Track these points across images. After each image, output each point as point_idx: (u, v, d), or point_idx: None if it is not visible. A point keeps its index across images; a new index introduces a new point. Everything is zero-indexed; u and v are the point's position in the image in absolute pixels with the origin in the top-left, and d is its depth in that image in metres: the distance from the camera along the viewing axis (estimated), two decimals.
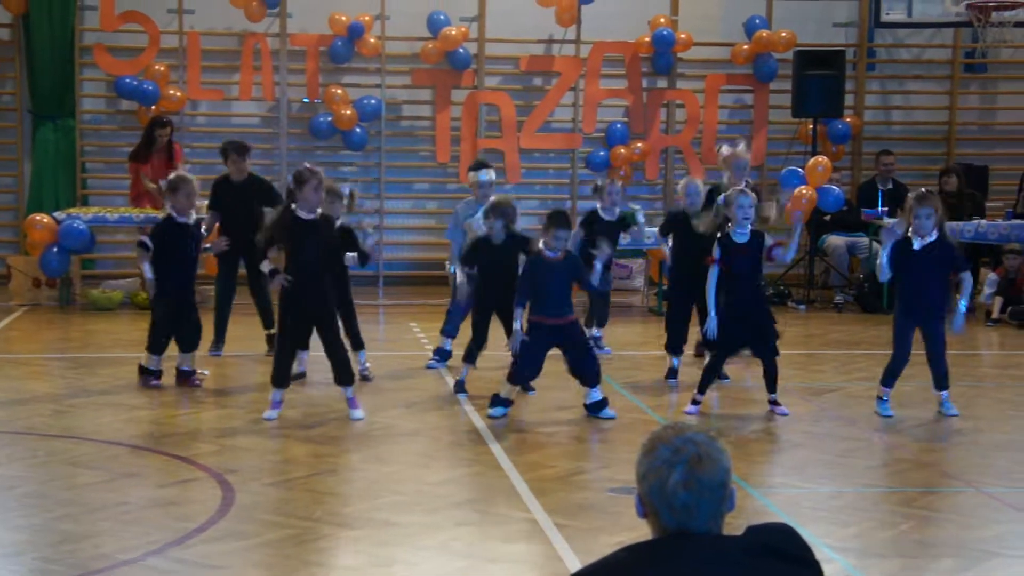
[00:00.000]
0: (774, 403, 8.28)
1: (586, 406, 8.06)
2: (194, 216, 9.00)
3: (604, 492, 6.39)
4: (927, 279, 8.01)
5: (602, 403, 8.10)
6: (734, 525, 2.70)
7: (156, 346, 8.98)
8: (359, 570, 5.24)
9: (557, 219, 8.04)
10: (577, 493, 6.44)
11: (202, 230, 9.29)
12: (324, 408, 8.29)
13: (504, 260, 8.56)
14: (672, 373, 9.37)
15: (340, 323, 8.32)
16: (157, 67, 14.52)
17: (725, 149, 9.63)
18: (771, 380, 8.25)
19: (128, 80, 14.42)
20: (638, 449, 2.72)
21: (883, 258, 8.10)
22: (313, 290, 7.84)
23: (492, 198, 9.13)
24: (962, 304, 8.11)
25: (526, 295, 8.00)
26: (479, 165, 10.07)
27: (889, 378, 8.25)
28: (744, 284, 8.12)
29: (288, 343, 8.02)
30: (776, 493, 6.52)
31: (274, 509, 6.04)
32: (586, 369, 8.07)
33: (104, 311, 12.75)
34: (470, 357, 8.81)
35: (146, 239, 9.01)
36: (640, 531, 2.76)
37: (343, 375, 8.00)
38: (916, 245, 7.99)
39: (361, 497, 6.30)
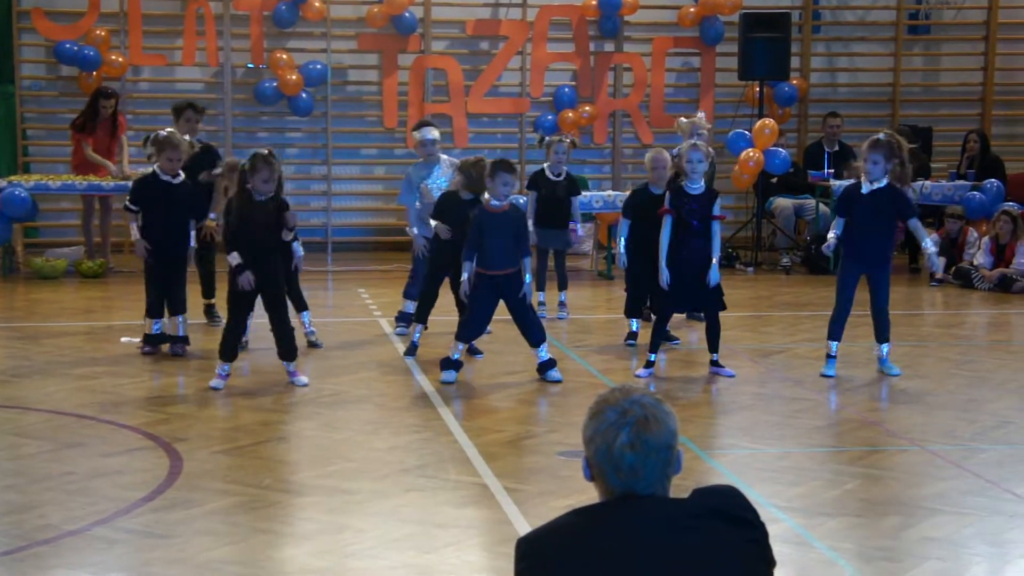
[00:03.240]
0: (716, 364, 8.32)
1: (539, 365, 8.10)
2: (181, 177, 8.72)
3: (553, 456, 6.41)
4: (873, 224, 8.06)
5: (549, 363, 8.13)
6: (682, 487, 2.72)
7: (151, 309, 8.80)
8: (308, 537, 5.23)
9: (503, 164, 8.02)
10: (527, 457, 6.47)
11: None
12: (272, 376, 8.24)
13: (466, 218, 8.57)
14: (631, 336, 9.39)
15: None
16: (98, 32, 14.28)
17: (684, 118, 9.63)
18: (714, 337, 8.28)
19: (68, 46, 14.19)
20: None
21: (831, 238, 8.19)
22: (263, 266, 7.81)
23: (464, 159, 9.08)
24: (927, 244, 8.33)
25: (475, 247, 7.98)
26: (421, 124, 9.99)
27: (836, 328, 8.24)
28: (694, 237, 8.13)
29: (238, 318, 7.97)
30: (724, 454, 6.58)
31: (222, 477, 6.03)
32: (526, 326, 8.08)
33: (48, 280, 12.58)
34: (421, 317, 8.80)
35: (130, 206, 8.79)
36: (590, 494, 2.75)
37: (287, 351, 7.99)
38: (864, 189, 8.05)
39: (310, 464, 6.30)
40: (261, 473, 6.10)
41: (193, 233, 8.86)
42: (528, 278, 8.12)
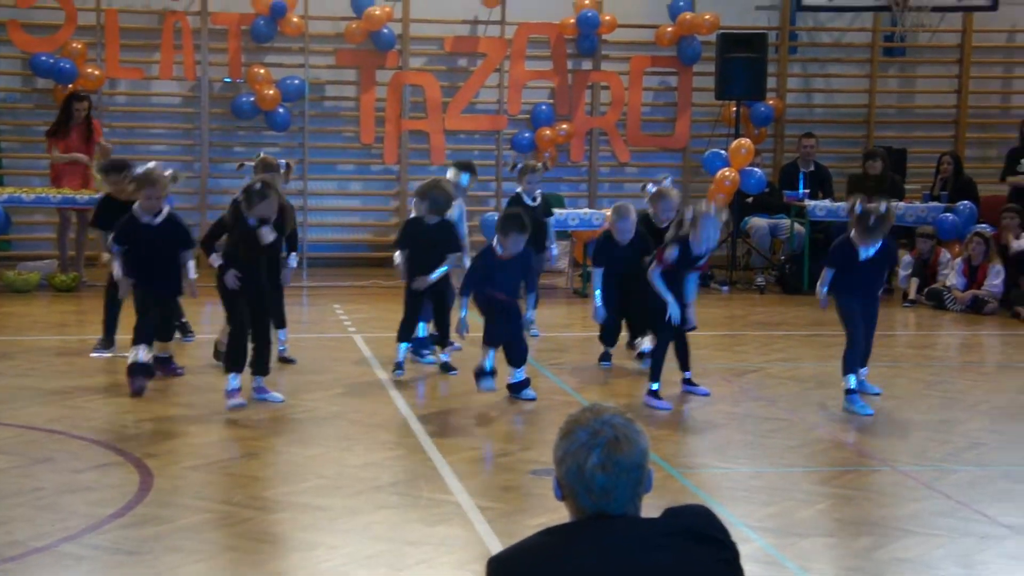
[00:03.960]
0: (689, 382, 8.32)
1: (508, 386, 8.07)
2: (162, 216, 8.20)
3: (526, 474, 6.40)
4: (870, 273, 8.03)
5: (524, 383, 8.13)
6: (654, 506, 2.72)
7: (142, 336, 8.21)
8: (279, 554, 5.21)
9: (516, 223, 7.91)
10: (499, 475, 6.46)
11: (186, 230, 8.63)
12: (245, 392, 8.07)
13: (433, 240, 8.62)
14: (606, 356, 9.39)
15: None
16: (75, 45, 14.23)
17: (651, 187, 9.55)
18: (685, 356, 8.28)
19: (44, 58, 14.13)
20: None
21: (822, 291, 8.11)
22: (254, 282, 7.76)
23: (425, 181, 9.07)
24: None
25: (472, 286, 7.99)
26: (465, 167, 9.87)
27: (852, 362, 7.97)
28: (684, 277, 8.13)
29: (241, 328, 7.80)
30: (696, 474, 6.57)
31: (194, 493, 5.99)
32: (514, 347, 8.09)
33: (20, 293, 12.50)
34: (405, 335, 8.77)
35: (112, 244, 8.39)
36: (562, 513, 2.74)
37: (262, 365, 7.93)
38: (862, 256, 7.92)
39: (282, 480, 6.27)
40: (232, 489, 6.07)
41: (191, 264, 8.37)
42: (530, 314, 8.20)
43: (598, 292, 8.91)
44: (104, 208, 9.47)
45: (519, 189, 10.43)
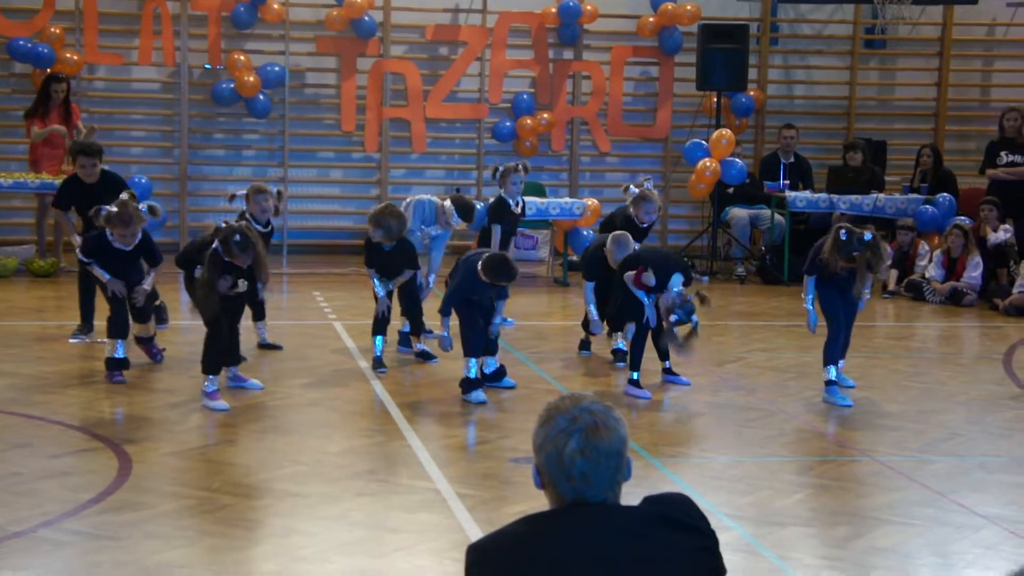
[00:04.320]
0: (670, 371, 8.36)
1: (485, 375, 8.06)
2: (135, 243, 8.11)
3: (506, 462, 6.41)
4: (853, 279, 8.00)
5: (501, 372, 8.15)
6: (633, 495, 2.72)
7: (117, 330, 8.18)
8: (257, 541, 5.22)
9: (503, 269, 7.80)
10: (479, 463, 6.46)
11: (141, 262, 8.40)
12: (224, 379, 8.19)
13: (393, 262, 8.62)
14: (585, 345, 9.40)
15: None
16: (53, 29, 14.12)
17: (633, 188, 9.54)
18: (664, 349, 8.29)
19: (22, 42, 14.01)
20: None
21: (809, 307, 8.13)
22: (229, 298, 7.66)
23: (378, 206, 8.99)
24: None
25: (453, 305, 7.93)
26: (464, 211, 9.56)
27: (833, 353, 8.02)
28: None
29: (217, 332, 7.62)
30: (676, 462, 6.59)
31: (172, 479, 6.00)
32: (489, 340, 8.09)
33: None
34: (379, 330, 8.72)
35: (80, 255, 8.32)
36: (541, 501, 2.75)
37: (233, 356, 7.90)
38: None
39: (261, 467, 6.26)
40: (211, 476, 6.06)
41: (152, 277, 8.34)
42: (498, 319, 8.11)
43: (592, 307, 8.87)
44: (68, 189, 9.43)
45: (502, 192, 10.37)
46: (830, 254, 7.76)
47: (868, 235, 7.74)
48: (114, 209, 7.97)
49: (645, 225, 9.28)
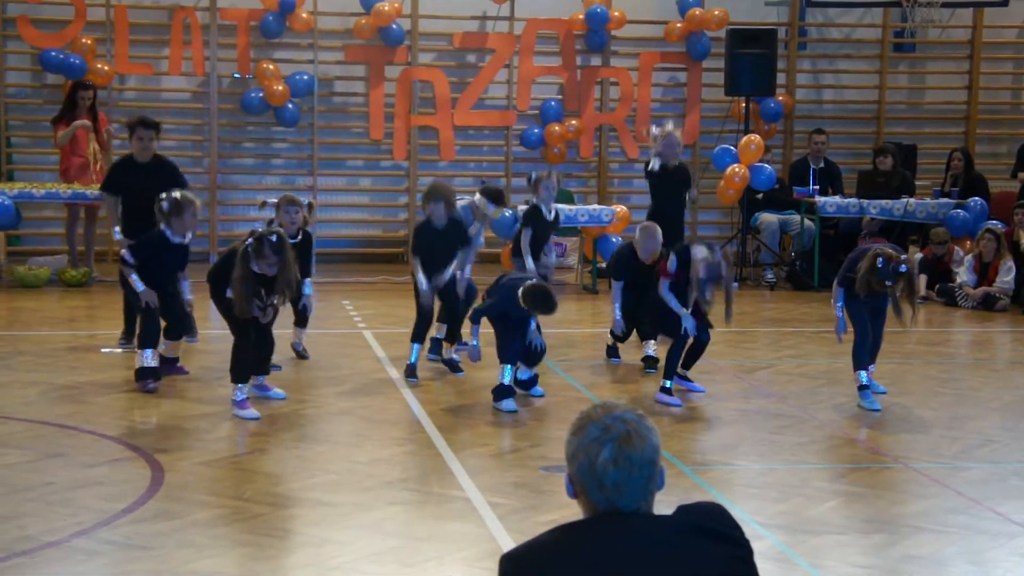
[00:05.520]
0: (685, 378, 8.31)
1: (517, 382, 8.07)
2: (189, 236, 8.32)
3: (537, 471, 6.41)
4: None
5: (533, 380, 8.15)
6: (665, 503, 2.71)
7: (149, 340, 8.26)
8: (290, 549, 5.23)
9: (546, 306, 7.77)
10: (510, 472, 6.46)
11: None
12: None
13: (446, 243, 8.61)
14: (614, 352, 9.39)
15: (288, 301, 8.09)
16: (84, 40, 14.26)
17: (655, 129, 9.71)
18: (692, 359, 8.28)
19: (54, 53, 14.16)
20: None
21: (838, 313, 8.09)
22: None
23: (430, 182, 9.08)
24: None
25: (487, 316, 7.94)
26: (494, 197, 9.73)
27: (862, 358, 8.02)
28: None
29: (246, 341, 7.69)
30: (708, 471, 6.58)
31: (204, 489, 6.03)
32: (531, 353, 8.06)
33: (31, 288, 12.53)
34: (418, 336, 8.73)
35: (127, 255, 8.28)
36: (573, 510, 2.74)
37: (261, 365, 7.92)
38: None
39: (292, 476, 6.29)
40: (243, 485, 6.09)
41: (187, 284, 8.46)
42: (533, 326, 8.04)
43: (617, 305, 8.92)
44: (120, 170, 9.34)
45: (535, 199, 10.40)
46: (863, 278, 7.71)
47: (903, 268, 7.63)
48: (179, 197, 8.16)
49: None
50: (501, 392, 7.80)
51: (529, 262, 9.59)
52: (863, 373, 7.97)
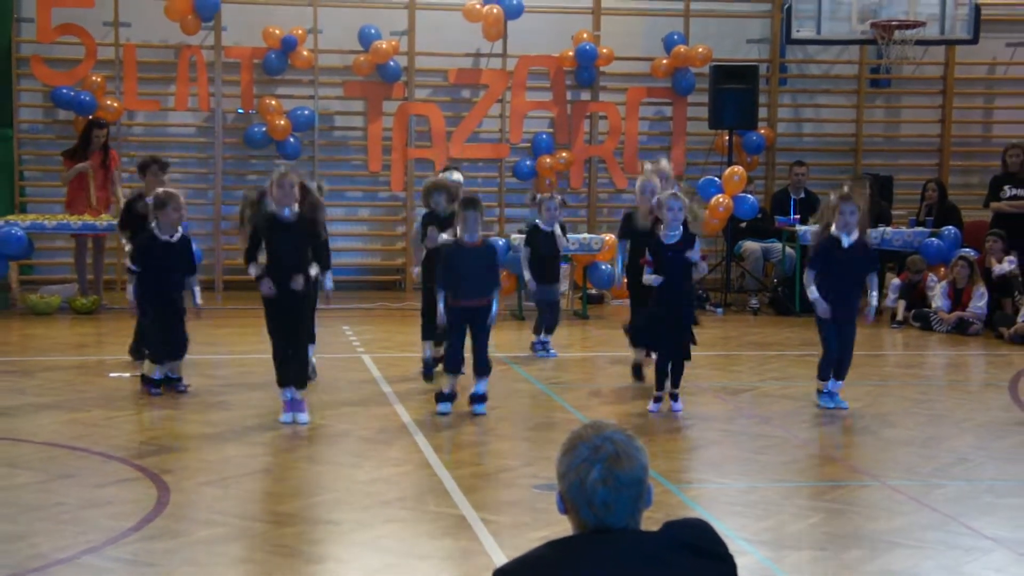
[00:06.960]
0: (673, 397, 8.48)
1: (470, 396, 8.27)
2: (179, 233, 8.76)
3: (529, 489, 6.51)
4: (849, 279, 8.37)
5: (481, 397, 8.29)
6: (653, 520, 2.78)
7: (156, 355, 8.78)
8: (291, 567, 5.27)
9: (469, 203, 8.18)
10: (503, 490, 6.56)
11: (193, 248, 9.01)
12: (258, 409, 8.38)
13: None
14: (638, 369, 9.47)
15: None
16: (94, 78, 14.53)
17: (649, 164, 9.91)
18: (676, 376, 8.48)
19: (65, 91, 14.42)
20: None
21: (813, 293, 8.43)
22: (286, 285, 7.96)
23: (431, 178, 9.29)
24: (874, 299, 8.61)
25: (442, 280, 8.18)
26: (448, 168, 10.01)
27: (825, 370, 8.53)
28: (671, 284, 8.36)
29: (282, 343, 8.04)
30: (693, 489, 6.69)
31: (208, 508, 6.07)
32: (477, 357, 8.26)
33: (42, 316, 12.71)
34: (429, 334, 9.02)
35: (132, 265, 8.75)
36: (564, 526, 2.79)
37: (297, 377, 8.15)
38: (845, 243, 8.33)
39: (294, 495, 6.36)
40: (246, 504, 6.18)
41: (197, 289, 8.91)
42: (495, 308, 8.28)
43: (620, 259, 9.40)
44: (130, 210, 9.70)
45: (537, 221, 10.73)
46: (832, 208, 8.22)
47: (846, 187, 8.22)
48: (162, 192, 8.67)
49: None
50: (439, 397, 8.20)
51: (527, 275, 9.74)
52: (825, 383, 8.42)
